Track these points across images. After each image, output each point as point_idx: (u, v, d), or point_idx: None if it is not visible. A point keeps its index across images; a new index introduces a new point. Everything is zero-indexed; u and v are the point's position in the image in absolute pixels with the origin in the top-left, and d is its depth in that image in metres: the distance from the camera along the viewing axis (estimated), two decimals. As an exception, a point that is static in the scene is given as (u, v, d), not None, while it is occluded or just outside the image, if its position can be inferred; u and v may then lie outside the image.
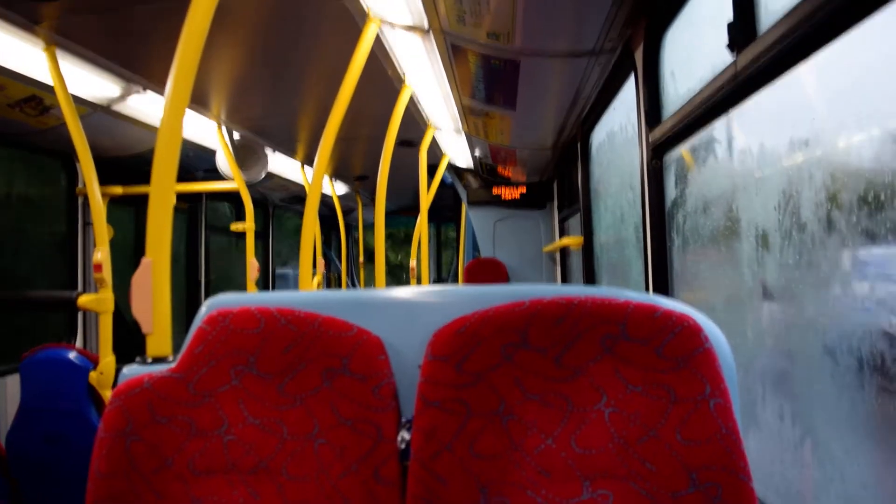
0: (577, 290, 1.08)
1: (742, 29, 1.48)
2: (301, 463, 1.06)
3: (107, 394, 2.59)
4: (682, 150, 2.05)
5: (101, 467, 1.04)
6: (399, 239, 11.39)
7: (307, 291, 1.26)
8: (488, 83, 3.08)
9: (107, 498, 1.04)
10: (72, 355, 2.63)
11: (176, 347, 1.26)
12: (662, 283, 2.18)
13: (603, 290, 1.08)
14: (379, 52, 2.80)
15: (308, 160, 5.39)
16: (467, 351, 1.04)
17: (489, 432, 1.03)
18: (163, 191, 1.45)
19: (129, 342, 4.24)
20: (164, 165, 1.45)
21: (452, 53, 2.72)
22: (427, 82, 3.31)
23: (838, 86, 1.26)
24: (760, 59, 1.35)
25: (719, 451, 0.97)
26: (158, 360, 1.30)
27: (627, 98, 2.93)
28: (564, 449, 1.02)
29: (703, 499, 0.96)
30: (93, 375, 2.60)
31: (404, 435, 1.05)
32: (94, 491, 1.04)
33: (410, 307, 1.18)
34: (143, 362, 1.29)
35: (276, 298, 1.17)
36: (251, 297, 1.19)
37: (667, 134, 2.06)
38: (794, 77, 1.34)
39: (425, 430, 1.02)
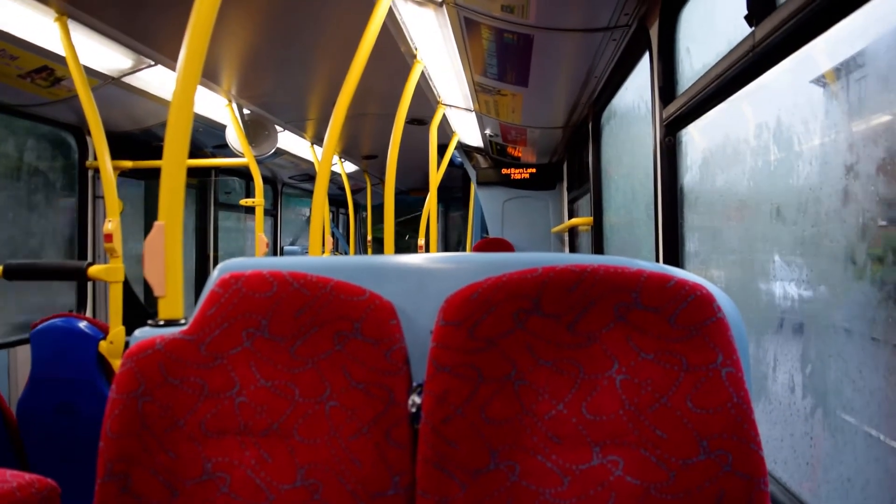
0: (590, 258, 1.08)
1: (761, -1, 1.46)
2: (312, 425, 1.07)
3: (117, 363, 2.60)
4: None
5: (113, 428, 1.05)
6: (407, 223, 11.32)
7: (319, 257, 1.26)
8: (501, 59, 3.06)
9: (118, 457, 1.04)
10: (82, 325, 2.64)
11: (187, 319, 1.26)
12: (673, 259, 2.17)
13: (616, 259, 1.08)
14: (391, 27, 2.78)
15: (318, 137, 5.39)
16: (479, 316, 1.04)
17: (500, 397, 1.03)
18: (175, 157, 1.45)
19: (138, 314, 4.27)
20: (177, 134, 1.45)
21: (465, 27, 2.69)
22: (439, 58, 3.28)
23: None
24: (779, 29, 1.33)
25: (730, 420, 0.97)
26: (170, 322, 1.30)
27: (640, 79, 2.91)
28: (575, 415, 1.02)
29: (713, 466, 0.96)
30: (103, 345, 2.61)
31: (415, 399, 1.06)
32: (105, 451, 1.05)
33: (422, 274, 1.17)
34: (155, 324, 1.29)
35: (287, 263, 1.17)
36: (263, 262, 1.19)
37: (681, 110, 2.04)
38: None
39: (437, 394, 1.02)
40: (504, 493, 1.00)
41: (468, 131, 5.28)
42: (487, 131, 5.11)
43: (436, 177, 4.51)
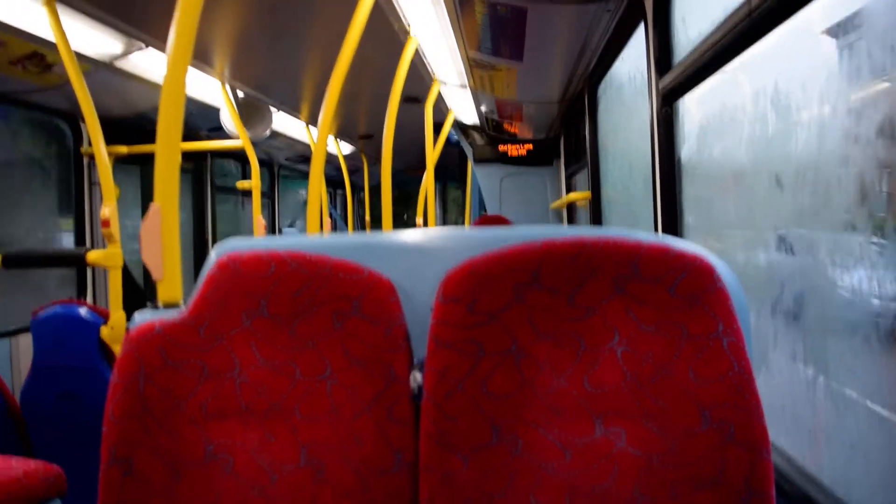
0: (589, 231, 1.07)
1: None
2: (314, 403, 1.07)
3: (118, 349, 2.60)
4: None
5: (115, 412, 1.05)
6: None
7: (317, 236, 1.26)
8: (495, 34, 3.03)
9: (121, 441, 1.04)
10: (82, 311, 2.64)
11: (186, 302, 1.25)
12: (672, 230, 2.16)
13: (615, 231, 1.07)
14: (383, 3, 2.74)
15: (313, 118, 5.35)
16: (479, 291, 1.04)
17: (501, 371, 1.03)
18: (169, 140, 1.44)
19: (138, 300, 4.27)
20: (170, 117, 1.44)
21: (459, 2, 2.66)
22: (433, 34, 3.25)
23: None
24: None
25: (732, 389, 0.97)
26: (169, 305, 1.30)
27: (635, 51, 2.88)
28: (577, 388, 1.02)
29: (716, 436, 0.96)
30: (104, 331, 2.61)
31: (416, 376, 1.06)
32: (108, 435, 1.05)
33: (421, 250, 1.17)
34: (154, 308, 1.29)
35: (285, 243, 1.17)
36: (260, 242, 1.18)
37: (677, 80, 2.02)
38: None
39: (437, 370, 1.02)
40: (506, 466, 1.00)
41: (464, 108, 5.24)
42: (483, 108, 5.08)
43: (433, 155, 4.49)
